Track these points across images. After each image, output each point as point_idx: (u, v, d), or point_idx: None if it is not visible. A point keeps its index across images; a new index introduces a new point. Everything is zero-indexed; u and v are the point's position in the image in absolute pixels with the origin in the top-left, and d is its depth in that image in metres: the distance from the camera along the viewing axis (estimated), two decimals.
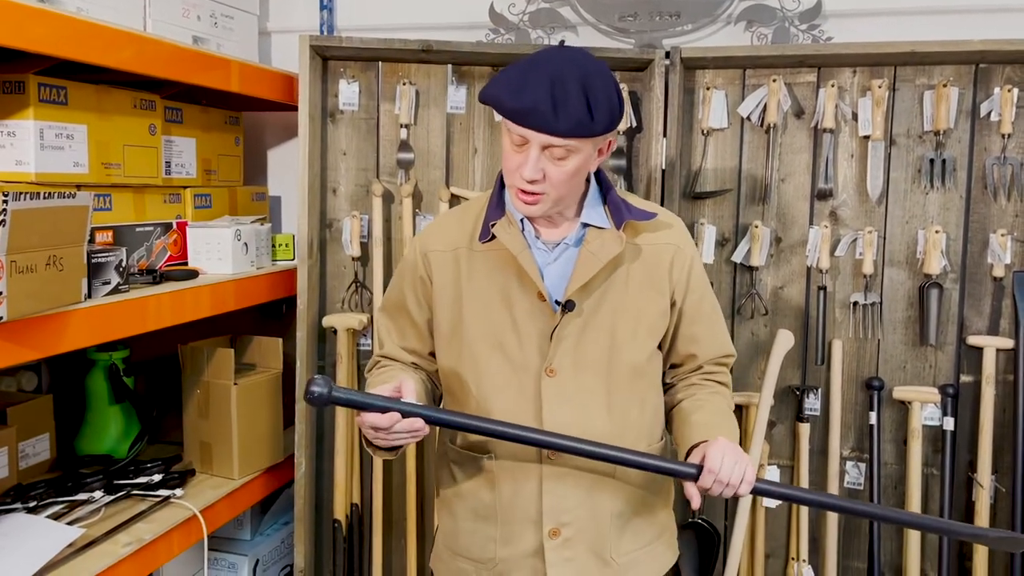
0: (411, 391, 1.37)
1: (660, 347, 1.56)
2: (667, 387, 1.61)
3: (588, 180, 1.51)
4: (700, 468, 1.37)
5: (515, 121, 1.33)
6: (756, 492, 1.40)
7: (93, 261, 1.63)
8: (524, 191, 1.38)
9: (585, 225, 1.47)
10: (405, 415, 1.34)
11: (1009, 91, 2.07)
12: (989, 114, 2.12)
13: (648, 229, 1.51)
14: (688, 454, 1.45)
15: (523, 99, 1.30)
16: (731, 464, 1.35)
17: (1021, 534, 1.49)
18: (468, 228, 1.51)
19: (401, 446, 1.45)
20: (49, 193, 1.43)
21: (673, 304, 1.53)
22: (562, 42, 1.37)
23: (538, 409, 1.44)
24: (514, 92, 1.31)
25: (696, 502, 1.38)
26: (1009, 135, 2.09)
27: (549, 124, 1.30)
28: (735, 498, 1.42)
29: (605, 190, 1.51)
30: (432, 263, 1.51)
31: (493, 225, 1.45)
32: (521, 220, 1.47)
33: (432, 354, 1.57)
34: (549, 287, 1.45)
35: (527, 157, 1.34)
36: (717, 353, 1.59)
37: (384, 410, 1.33)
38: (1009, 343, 2.13)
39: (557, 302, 1.43)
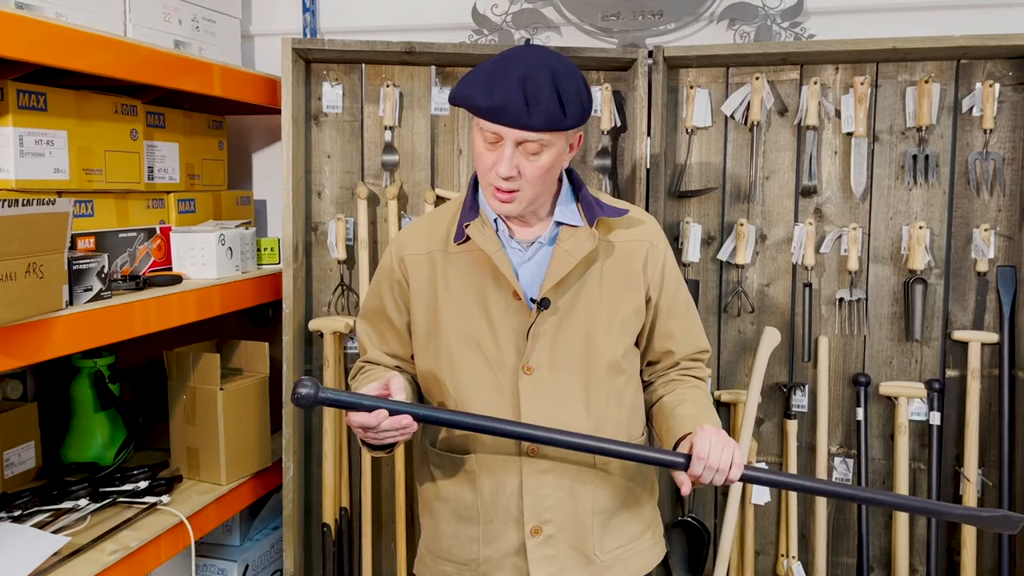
0: (399, 387, 1.38)
1: (637, 344, 1.58)
2: (645, 384, 1.62)
3: (560, 179, 1.53)
4: (689, 457, 1.37)
5: (489, 119, 1.35)
6: (745, 478, 1.40)
7: (74, 268, 1.62)
8: (500, 189, 1.39)
9: (558, 224, 1.49)
10: (392, 413, 1.35)
11: (991, 86, 2.08)
12: (971, 109, 2.12)
13: (621, 226, 1.53)
14: (676, 447, 1.45)
15: (495, 96, 1.32)
16: (719, 450, 1.36)
17: (1013, 513, 1.48)
18: (443, 231, 1.53)
19: (394, 444, 1.46)
20: (28, 200, 1.42)
21: (648, 300, 1.54)
22: (527, 41, 1.41)
23: (516, 407, 1.45)
24: (486, 90, 1.33)
25: (686, 489, 1.39)
26: (991, 130, 2.10)
27: (522, 120, 1.32)
28: (726, 486, 1.43)
29: (577, 188, 1.52)
30: (408, 266, 1.53)
31: (467, 226, 1.47)
32: (495, 220, 1.48)
33: (414, 357, 1.58)
34: (524, 286, 1.46)
35: (501, 154, 1.36)
36: (693, 349, 1.61)
37: (371, 409, 1.34)
38: (994, 337, 2.14)
39: (533, 300, 1.44)
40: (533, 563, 1.47)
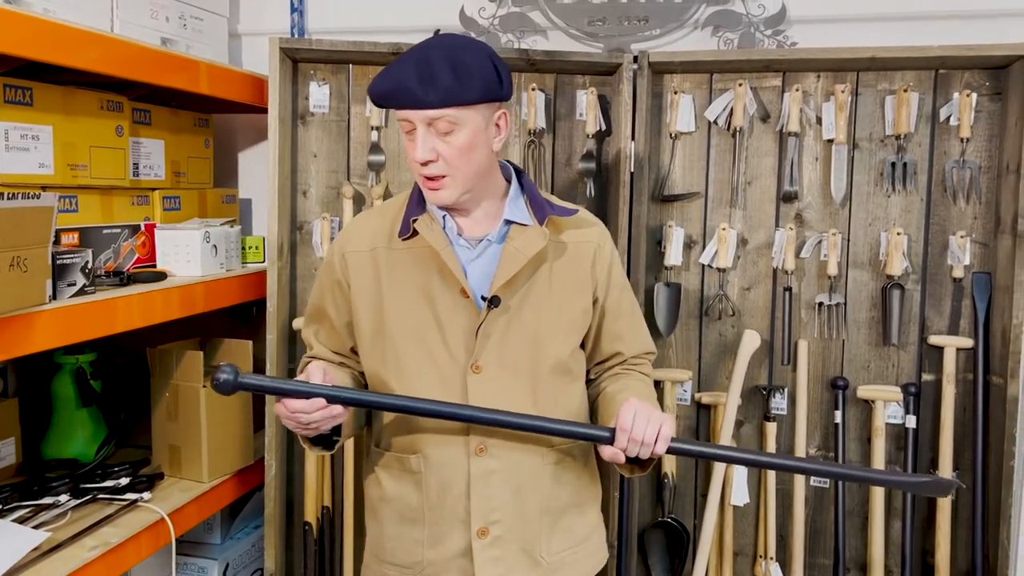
0: (318, 371, 1.37)
1: (583, 346, 1.57)
2: (592, 382, 1.62)
3: (510, 179, 1.52)
4: (614, 430, 1.37)
5: (387, 105, 1.36)
6: (672, 451, 1.39)
7: (58, 262, 1.62)
8: (426, 177, 1.39)
9: (508, 222, 1.48)
10: (318, 397, 1.34)
11: (968, 96, 2.12)
12: (948, 118, 2.16)
13: (570, 227, 1.52)
14: None
15: (390, 80, 1.33)
16: (644, 422, 1.35)
17: (944, 478, 1.50)
18: (387, 227, 1.51)
19: (335, 441, 1.46)
20: (13, 194, 1.42)
21: (595, 301, 1.54)
22: (437, 31, 1.42)
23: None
24: (383, 77, 1.35)
25: (620, 458, 1.38)
26: (968, 139, 2.14)
27: (418, 97, 1.32)
28: (652, 460, 1.41)
29: (526, 188, 1.52)
30: (350, 264, 1.51)
31: (415, 221, 1.45)
32: (443, 216, 1.47)
33: (354, 350, 1.57)
34: (472, 284, 1.45)
35: (416, 140, 1.36)
36: (641, 349, 1.62)
37: (293, 394, 1.33)
38: (969, 342, 2.18)
39: (483, 298, 1.43)
40: (479, 565, 1.45)
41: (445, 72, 1.31)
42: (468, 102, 1.34)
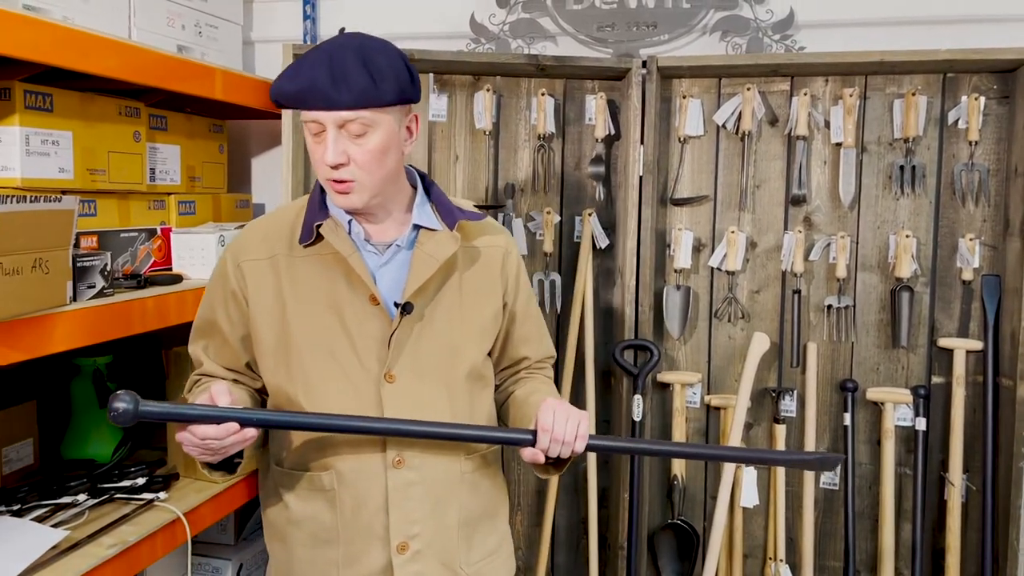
0: (223, 392, 1.30)
1: (490, 353, 1.56)
2: (497, 388, 1.61)
3: (415, 184, 1.49)
4: (535, 432, 1.36)
5: (298, 106, 1.30)
6: (591, 448, 1.39)
7: (78, 265, 1.65)
8: (335, 180, 1.33)
9: (417, 227, 1.44)
10: (230, 422, 1.27)
11: (976, 99, 2.13)
12: (957, 122, 2.18)
13: (479, 232, 1.50)
14: None
15: (300, 80, 1.28)
16: (563, 420, 1.34)
17: (834, 454, 1.56)
18: (286, 232, 1.45)
19: (239, 463, 1.42)
20: (35, 197, 1.45)
21: (505, 305, 1.53)
22: (342, 29, 1.38)
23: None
24: (291, 77, 1.30)
25: (540, 458, 1.37)
26: (976, 142, 2.15)
27: (331, 98, 1.27)
28: (573, 460, 1.40)
29: (433, 194, 1.49)
30: (247, 274, 1.44)
31: (319, 226, 1.39)
32: (348, 222, 1.42)
33: (249, 365, 1.51)
34: (382, 291, 1.40)
35: (326, 142, 1.31)
36: (544, 354, 1.63)
37: (199, 419, 1.26)
38: (978, 345, 2.18)
39: (396, 304, 1.39)
40: None
41: (359, 72, 1.27)
42: (384, 103, 1.30)
